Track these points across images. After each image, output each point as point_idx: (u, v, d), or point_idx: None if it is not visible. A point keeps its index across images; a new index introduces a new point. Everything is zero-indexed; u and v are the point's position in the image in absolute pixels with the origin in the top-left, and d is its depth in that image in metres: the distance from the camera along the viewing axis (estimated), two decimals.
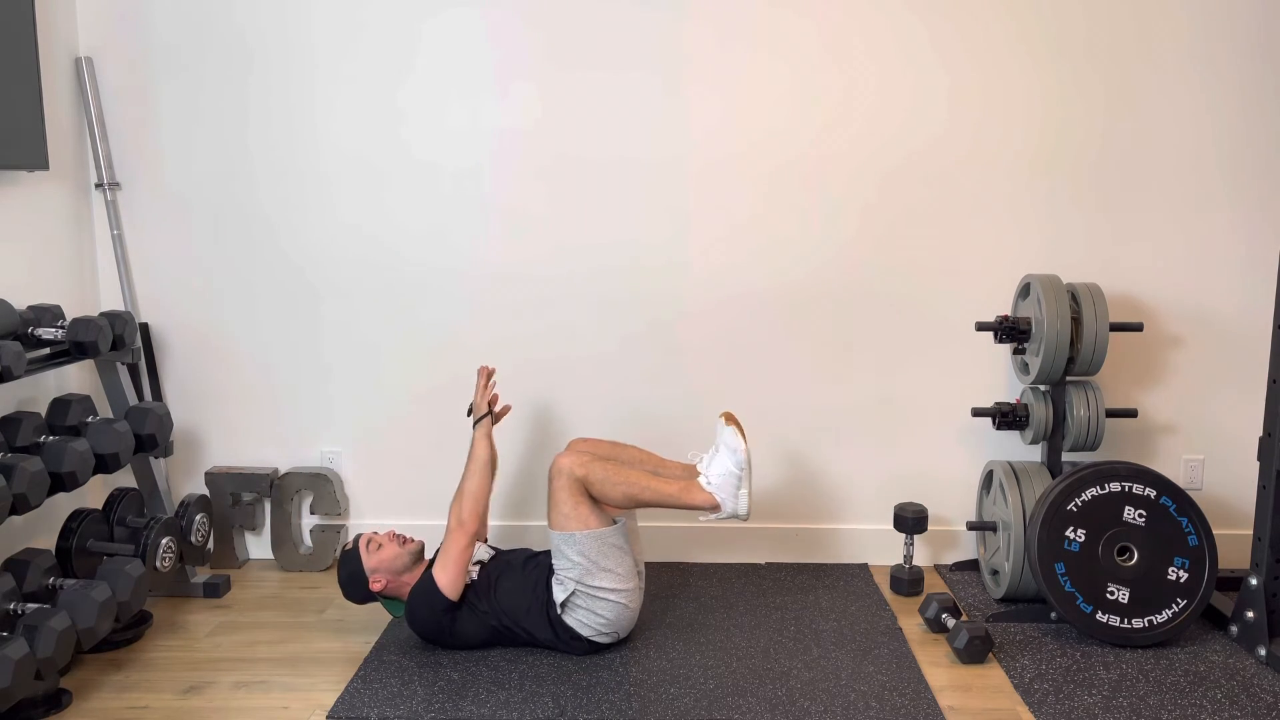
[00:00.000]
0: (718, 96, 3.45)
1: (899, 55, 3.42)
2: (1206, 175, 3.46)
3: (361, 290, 3.57)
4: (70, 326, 3.00)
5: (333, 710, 2.66)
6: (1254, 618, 2.97)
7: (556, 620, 2.90)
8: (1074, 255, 3.50)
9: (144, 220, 3.55)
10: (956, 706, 2.70)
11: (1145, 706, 2.68)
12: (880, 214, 3.51)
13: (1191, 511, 3.03)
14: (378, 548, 3.00)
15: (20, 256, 3.21)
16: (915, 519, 3.39)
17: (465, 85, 3.46)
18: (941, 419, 3.60)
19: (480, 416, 3.11)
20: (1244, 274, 3.49)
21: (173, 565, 3.11)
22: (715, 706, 2.67)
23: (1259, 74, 3.40)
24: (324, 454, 3.67)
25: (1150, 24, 3.39)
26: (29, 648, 2.39)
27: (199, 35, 3.46)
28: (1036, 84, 3.43)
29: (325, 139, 3.50)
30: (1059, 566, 3.02)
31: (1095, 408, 3.28)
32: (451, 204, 3.52)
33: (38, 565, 2.73)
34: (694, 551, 3.66)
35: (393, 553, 2.99)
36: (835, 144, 3.47)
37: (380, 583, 2.97)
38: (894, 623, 3.18)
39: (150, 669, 2.91)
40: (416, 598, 2.92)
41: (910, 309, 3.54)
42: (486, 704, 2.68)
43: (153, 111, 3.50)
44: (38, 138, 3.12)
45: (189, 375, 3.63)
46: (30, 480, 2.62)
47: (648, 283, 3.55)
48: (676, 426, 3.57)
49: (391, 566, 2.98)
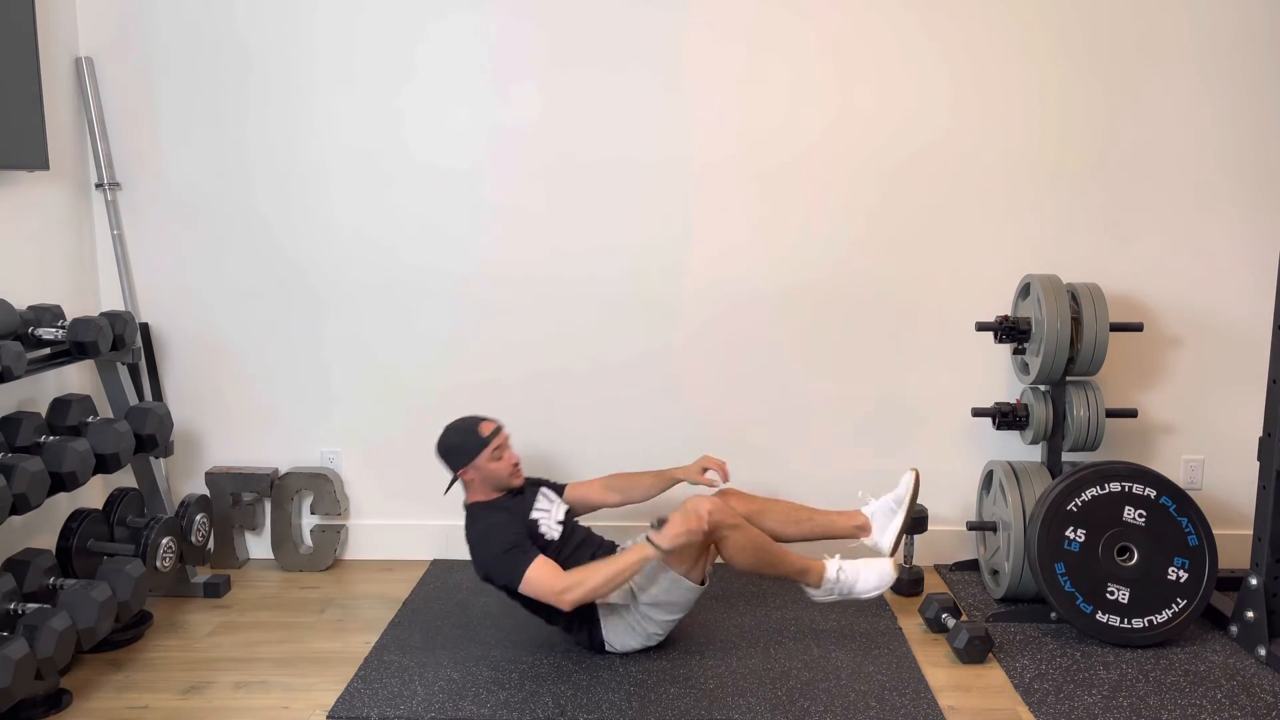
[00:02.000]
0: (719, 97, 3.45)
1: (900, 56, 3.42)
2: (1207, 175, 3.46)
3: (361, 290, 3.58)
4: (70, 326, 3.00)
5: (333, 710, 2.66)
6: (1254, 618, 2.97)
7: (588, 612, 2.89)
8: (1074, 255, 3.50)
9: (144, 220, 3.55)
10: (956, 706, 2.70)
11: (1145, 706, 2.68)
12: (881, 214, 3.51)
13: (1191, 511, 3.03)
14: (499, 458, 2.98)
15: (20, 256, 3.21)
16: (915, 519, 3.39)
17: (465, 86, 3.46)
18: (941, 419, 3.60)
19: (653, 545, 2.80)
20: (1244, 274, 3.49)
21: (173, 565, 3.11)
22: (715, 706, 2.67)
23: (1259, 74, 3.40)
24: (324, 454, 3.67)
25: (1151, 24, 3.39)
26: (29, 648, 2.39)
27: (199, 35, 3.46)
28: (1037, 84, 3.43)
29: (325, 139, 3.50)
30: (1059, 566, 3.02)
31: (1095, 408, 3.28)
32: (452, 204, 3.52)
33: (38, 565, 2.73)
34: None
35: (506, 471, 2.99)
36: (836, 145, 3.47)
37: (473, 480, 2.99)
38: (894, 623, 3.18)
39: (150, 669, 2.91)
40: (485, 535, 2.90)
41: (910, 309, 3.54)
42: (486, 704, 2.68)
43: (153, 111, 3.50)
44: (38, 138, 3.12)
45: (189, 375, 3.63)
46: (30, 480, 2.62)
47: (647, 283, 3.55)
48: (678, 426, 3.57)
49: (494, 478, 2.99)
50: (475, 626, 3.14)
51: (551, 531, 2.99)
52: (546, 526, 3.00)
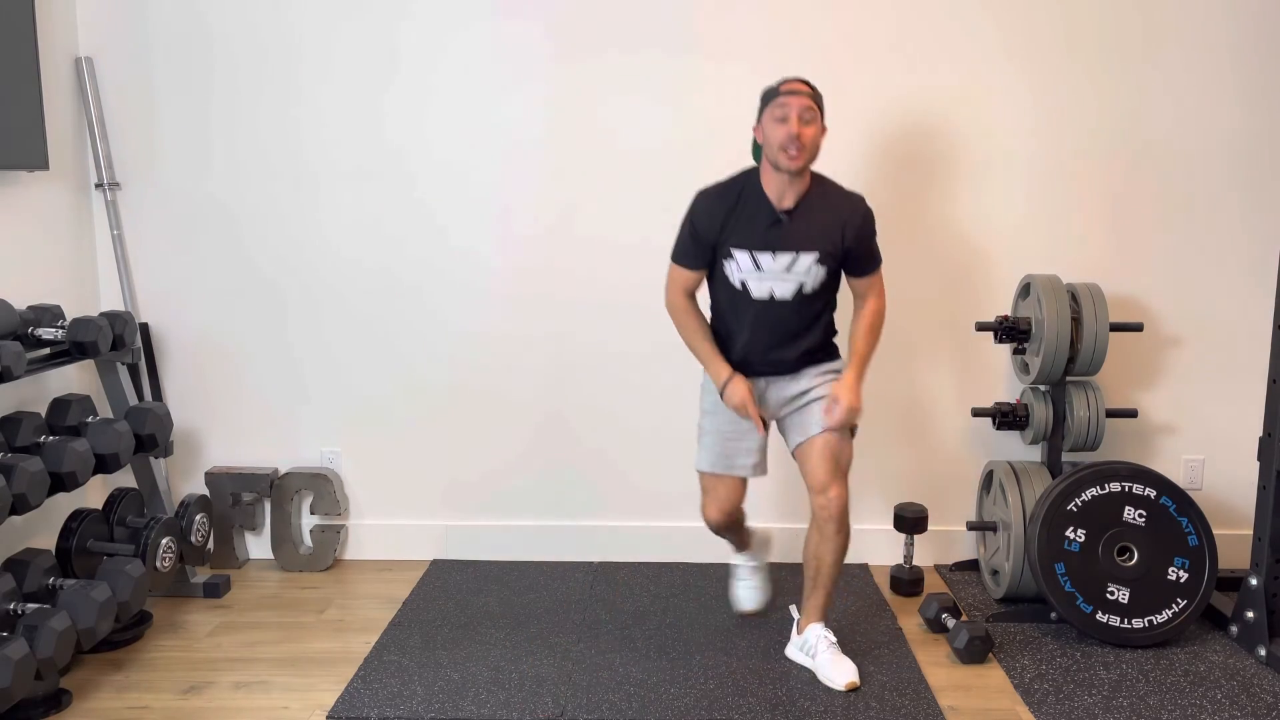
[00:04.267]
0: (720, 97, 3.45)
1: (899, 54, 3.42)
2: (1207, 175, 3.46)
3: (362, 290, 3.57)
4: (70, 326, 3.00)
5: (333, 710, 2.66)
6: (1254, 618, 2.97)
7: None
8: (1074, 255, 3.50)
9: (144, 220, 3.55)
10: (956, 706, 2.70)
11: (1145, 706, 2.68)
12: (880, 214, 3.49)
13: (1191, 511, 3.03)
14: (780, 119, 2.58)
15: (20, 256, 3.21)
16: (915, 519, 3.39)
17: (466, 86, 3.46)
18: (941, 419, 3.60)
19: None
20: (1244, 274, 3.49)
21: (173, 565, 3.11)
22: (715, 706, 2.67)
23: (1260, 74, 3.40)
24: (324, 454, 3.67)
25: (1152, 24, 3.39)
26: (29, 648, 2.39)
27: (199, 35, 3.46)
28: (1037, 84, 3.43)
29: (325, 138, 3.50)
30: (1059, 566, 3.02)
31: (1095, 408, 3.28)
32: (452, 203, 3.52)
33: (38, 565, 2.73)
34: (694, 551, 3.66)
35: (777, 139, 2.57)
36: (835, 144, 3.46)
37: (760, 142, 2.67)
38: (894, 623, 3.18)
39: (150, 669, 2.91)
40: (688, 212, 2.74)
41: (910, 309, 3.54)
42: (486, 704, 2.68)
43: (153, 111, 3.50)
44: (38, 138, 3.12)
45: (189, 375, 3.63)
46: (30, 480, 2.62)
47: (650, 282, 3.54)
48: (678, 427, 3.56)
49: (768, 145, 2.62)
50: (475, 626, 3.14)
51: (759, 291, 2.68)
52: (756, 285, 2.69)
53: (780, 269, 2.68)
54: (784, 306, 2.71)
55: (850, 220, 2.71)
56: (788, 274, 2.69)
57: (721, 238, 2.69)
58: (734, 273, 2.70)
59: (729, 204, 2.69)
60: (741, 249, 2.68)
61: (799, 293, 2.71)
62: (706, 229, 2.70)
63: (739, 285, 2.71)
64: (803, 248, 2.67)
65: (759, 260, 2.68)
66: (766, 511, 3.60)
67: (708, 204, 2.71)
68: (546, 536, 3.66)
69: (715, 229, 2.69)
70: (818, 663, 2.81)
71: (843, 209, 2.72)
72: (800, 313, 2.73)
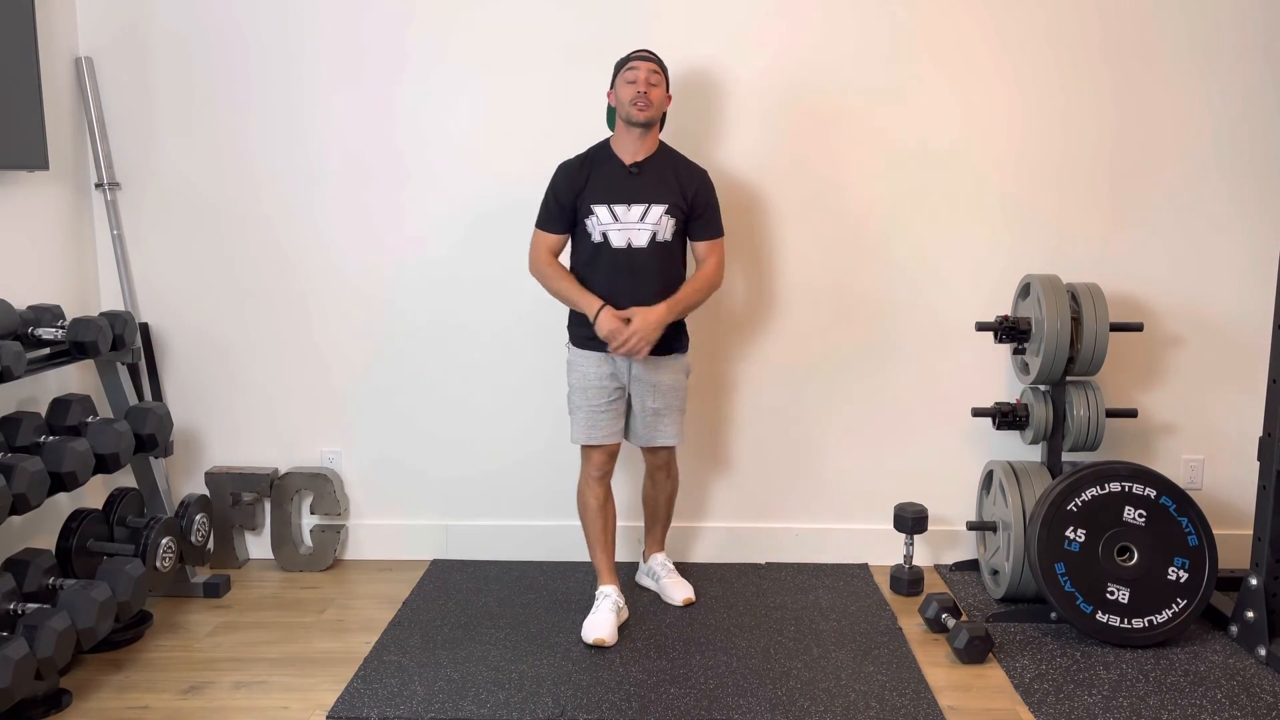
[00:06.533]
0: (718, 97, 3.45)
1: (899, 56, 3.42)
2: (1207, 175, 3.46)
3: (361, 290, 3.57)
4: (70, 326, 3.00)
5: (333, 710, 2.66)
6: (1254, 618, 2.97)
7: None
8: (1074, 255, 3.50)
9: (144, 220, 3.55)
10: (956, 706, 2.70)
11: (1145, 706, 2.68)
12: (881, 214, 3.51)
13: (1191, 511, 3.03)
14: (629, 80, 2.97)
15: (20, 256, 3.21)
16: (915, 519, 3.39)
17: (467, 85, 3.46)
18: (941, 419, 3.60)
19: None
20: (1244, 274, 3.49)
21: (173, 565, 3.11)
22: (715, 706, 2.67)
23: (1259, 74, 3.40)
24: (324, 454, 3.67)
25: (1152, 24, 3.39)
26: (29, 648, 2.39)
27: (199, 35, 3.46)
28: (1037, 84, 3.43)
29: (325, 139, 3.50)
30: (1059, 566, 3.02)
31: (1095, 408, 3.28)
32: (452, 204, 3.52)
33: (38, 565, 2.73)
34: (694, 551, 3.66)
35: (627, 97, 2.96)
36: (835, 144, 3.47)
37: (613, 106, 3.05)
38: (894, 623, 3.18)
39: (150, 669, 2.91)
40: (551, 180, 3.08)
41: (910, 309, 3.54)
42: (486, 704, 2.68)
43: (153, 111, 3.50)
44: (38, 138, 3.12)
45: (189, 375, 3.63)
46: (30, 480, 2.62)
47: None
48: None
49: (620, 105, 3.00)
50: (475, 626, 3.14)
51: (619, 240, 3.01)
52: (616, 235, 3.01)
53: (635, 219, 3.01)
54: (641, 253, 3.02)
55: (690, 182, 3.06)
56: (642, 223, 3.01)
57: (581, 198, 3.03)
58: (594, 226, 3.02)
59: (586, 169, 3.05)
60: (600, 203, 3.01)
61: (653, 240, 3.02)
62: (566, 193, 3.04)
63: (600, 237, 3.02)
64: (654, 199, 3.02)
65: (616, 212, 3.01)
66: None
67: (566, 170, 3.06)
68: (546, 536, 3.66)
69: (573, 192, 3.03)
70: (661, 585, 3.33)
71: (686, 172, 3.08)
72: (656, 256, 3.03)
